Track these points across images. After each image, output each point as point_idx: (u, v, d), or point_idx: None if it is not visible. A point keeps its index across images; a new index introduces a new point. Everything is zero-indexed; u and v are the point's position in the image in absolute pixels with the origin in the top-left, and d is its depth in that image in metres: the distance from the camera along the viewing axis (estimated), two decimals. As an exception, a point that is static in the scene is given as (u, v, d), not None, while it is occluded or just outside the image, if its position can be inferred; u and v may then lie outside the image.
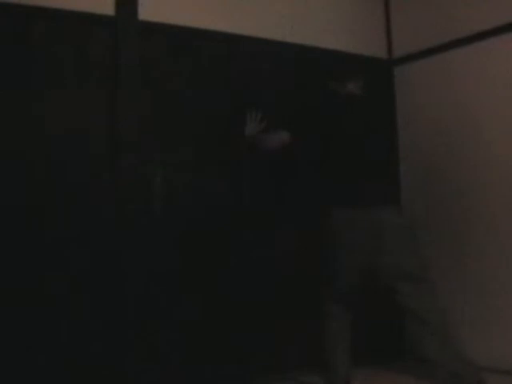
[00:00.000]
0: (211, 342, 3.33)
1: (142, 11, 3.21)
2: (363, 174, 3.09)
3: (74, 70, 3.09)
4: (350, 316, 3.17)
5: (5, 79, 2.91)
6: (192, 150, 3.37)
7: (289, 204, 3.66)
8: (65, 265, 2.97)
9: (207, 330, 3.32)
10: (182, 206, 3.31)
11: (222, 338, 3.36)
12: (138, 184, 3.16)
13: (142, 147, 3.19)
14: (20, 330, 2.84)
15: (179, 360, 3.23)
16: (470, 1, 3.67)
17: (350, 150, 3.07)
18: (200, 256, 3.34)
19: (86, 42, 3.13)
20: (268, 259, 3.54)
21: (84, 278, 3.02)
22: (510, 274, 3.47)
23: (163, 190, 3.25)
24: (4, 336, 2.81)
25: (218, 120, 3.47)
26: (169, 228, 3.26)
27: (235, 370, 3.38)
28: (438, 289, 3.41)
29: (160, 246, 3.23)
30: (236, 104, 3.51)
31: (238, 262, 3.45)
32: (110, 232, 3.09)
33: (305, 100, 3.62)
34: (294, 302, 3.58)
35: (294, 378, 3.51)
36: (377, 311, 3.65)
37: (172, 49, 3.37)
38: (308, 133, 3.15)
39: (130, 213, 3.14)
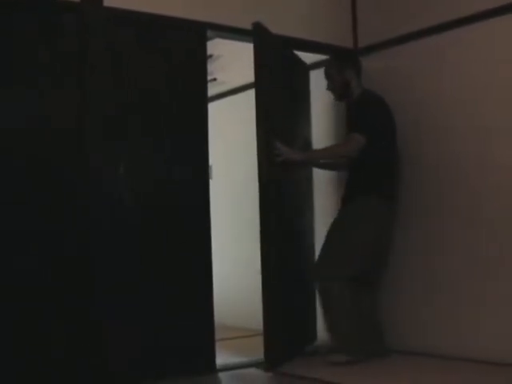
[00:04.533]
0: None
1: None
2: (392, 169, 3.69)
3: (39, 58, 2.98)
4: (372, 295, 3.76)
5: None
6: (161, 142, 3.30)
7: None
8: (38, 256, 2.93)
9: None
10: (149, 198, 3.25)
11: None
12: (105, 173, 3.07)
13: (107, 139, 3.09)
14: None
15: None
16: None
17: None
18: (169, 244, 3.29)
19: (52, 30, 3.01)
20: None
21: (55, 269, 2.96)
22: (508, 271, 3.38)
23: (129, 181, 3.18)
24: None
25: (188, 110, 3.39)
26: (137, 219, 3.21)
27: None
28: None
29: (129, 236, 3.17)
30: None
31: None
32: (80, 226, 3.02)
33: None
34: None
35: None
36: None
37: (141, 38, 3.26)
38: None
39: (99, 203, 3.05)
